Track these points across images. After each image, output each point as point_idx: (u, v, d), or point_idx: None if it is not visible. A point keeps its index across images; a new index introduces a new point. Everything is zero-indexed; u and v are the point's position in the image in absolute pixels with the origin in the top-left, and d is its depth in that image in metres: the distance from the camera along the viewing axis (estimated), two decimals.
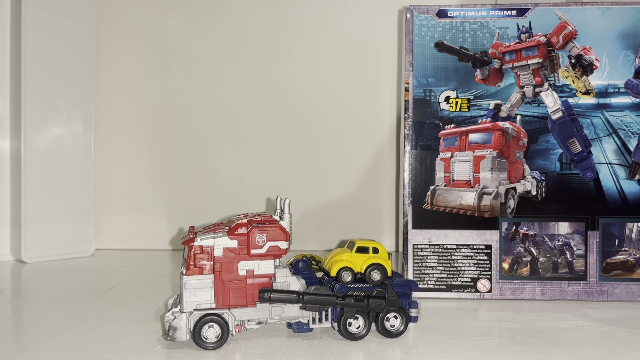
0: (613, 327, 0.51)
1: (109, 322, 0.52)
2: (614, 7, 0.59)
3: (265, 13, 0.89)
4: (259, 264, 0.47)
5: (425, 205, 0.61)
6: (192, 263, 0.45)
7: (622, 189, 0.59)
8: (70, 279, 0.71)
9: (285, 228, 0.47)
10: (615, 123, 0.60)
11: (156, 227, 0.92)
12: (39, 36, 0.80)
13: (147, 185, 0.92)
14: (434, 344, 0.46)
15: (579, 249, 0.60)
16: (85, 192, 0.85)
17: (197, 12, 0.90)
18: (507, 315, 0.55)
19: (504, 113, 0.60)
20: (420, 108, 0.61)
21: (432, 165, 0.61)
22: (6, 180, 0.82)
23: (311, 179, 0.89)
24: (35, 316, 0.54)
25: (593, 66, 0.59)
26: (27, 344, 0.47)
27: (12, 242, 0.82)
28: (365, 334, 0.47)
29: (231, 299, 0.46)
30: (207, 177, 0.91)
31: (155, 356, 0.44)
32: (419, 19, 0.61)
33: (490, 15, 0.60)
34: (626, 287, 0.59)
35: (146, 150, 0.92)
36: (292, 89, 0.89)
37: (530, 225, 0.60)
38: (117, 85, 0.91)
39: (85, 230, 0.85)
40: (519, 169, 0.60)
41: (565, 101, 0.60)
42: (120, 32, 0.91)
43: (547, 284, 0.60)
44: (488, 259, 0.60)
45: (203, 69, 0.90)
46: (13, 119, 0.81)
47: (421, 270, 0.61)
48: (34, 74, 0.79)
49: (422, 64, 0.61)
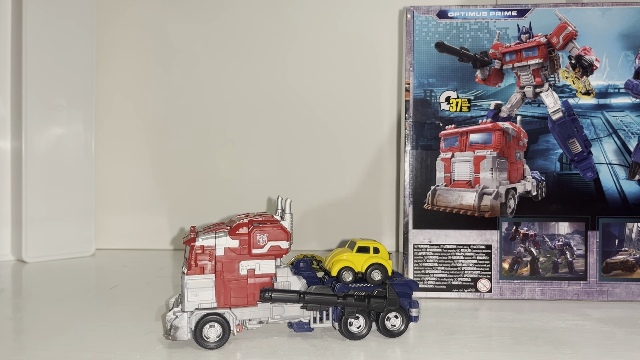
0: (613, 327, 0.51)
1: (109, 322, 0.52)
2: (614, 7, 0.59)
3: (267, 13, 0.89)
4: (260, 263, 0.47)
5: (425, 205, 0.61)
6: (194, 263, 0.45)
7: (622, 189, 0.60)
8: (71, 278, 0.71)
9: (286, 228, 0.47)
10: (615, 123, 0.60)
11: (157, 227, 0.92)
12: (39, 36, 0.80)
13: (147, 185, 0.92)
14: (434, 344, 0.46)
15: (579, 249, 0.60)
16: (86, 192, 0.85)
17: (198, 12, 0.90)
18: (507, 315, 0.55)
19: (505, 113, 0.61)
20: (421, 108, 0.61)
21: (432, 165, 0.61)
22: (7, 180, 0.83)
23: (312, 179, 0.89)
24: (36, 316, 0.54)
25: (593, 67, 0.59)
26: (28, 344, 0.47)
27: (12, 241, 0.82)
28: (366, 333, 0.47)
29: (232, 299, 0.46)
30: (208, 177, 0.91)
31: (156, 355, 0.44)
32: (420, 20, 0.61)
33: (490, 15, 0.60)
34: (626, 287, 0.59)
35: (147, 149, 0.92)
36: (293, 89, 0.89)
37: (530, 225, 0.60)
38: (117, 85, 0.91)
39: (86, 229, 0.85)
40: (519, 169, 0.60)
41: (565, 101, 0.60)
42: (121, 32, 0.91)
43: (547, 284, 0.60)
44: (488, 259, 0.60)
45: (204, 69, 0.90)
46: (14, 119, 0.81)
47: (422, 270, 0.61)
48: (34, 74, 0.79)
49: (423, 65, 0.61)
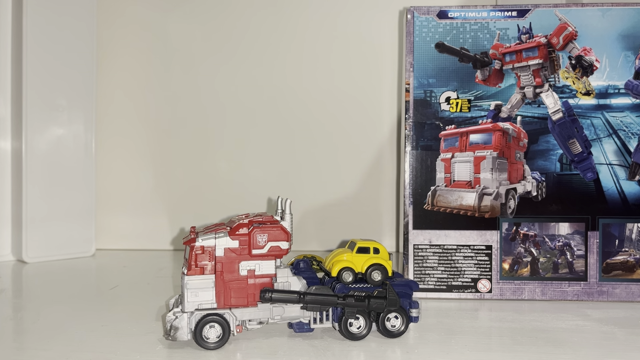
0: (613, 327, 0.51)
1: (110, 322, 0.52)
2: (614, 8, 0.59)
3: (266, 14, 0.89)
4: (260, 264, 0.47)
5: (425, 206, 0.61)
6: (194, 263, 0.45)
7: (622, 189, 0.60)
8: (71, 279, 0.71)
9: (286, 228, 0.47)
10: (615, 124, 0.60)
11: (157, 227, 0.92)
12: (40, 36, 0.80)
13: (148, 185, 0.92)
14: (434, 344, 0.46)
15: (579, 250, 0.60)
16: (86, 192, 0.85)
17: (198, 11, 0.90)
18: (507, 316, 0.55)
19: (505, 114, 0.61)
20: (421, 109, 0.61)
21: (432, 165, 0.61)
22: (7, 180, 0.83)
23: (312, 179, 0.89)
24: (36, 316, 0.54)
25: (593, 67, 0.59)
26: (28, 344, 0.47)
27: (13, 242, 0.82)
28: (366, 334, 0.47)
29: (232, 299, 0.46)
30: (209, 177, 0.91)
31: (156, 356, 0.44)
32: (420, 20, 0.61)
33: (490, 16, 0.60)
34: (626, 288, 0.59)
35: (147, 150, 0.92)
36: (294, 89, 0.89)
37: (530, 226, 0.60)
38: (118, 85, 0.91)
39: (86, 230, 0.85)
40: (520, 169, 0.60)
41: (565, 102, 0.60)
42: (121, 32, 0.91)
43: (547, 284, 0.60)
44: (488, 260, 0.60)
45: (204, 69, 0.90)
46: (14, 119, 0.81)
47: (422, 270, 0.61)
48: (35, 74, 0.80)
49: (423, 65, 0.61)
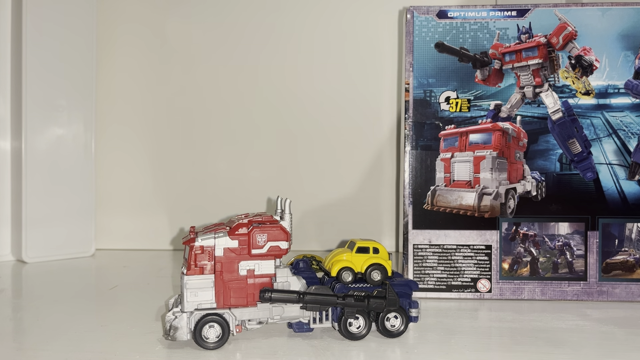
0: (613, 327, 0.51)
1: (109, 322, 0.52)
2: (613, 7, 0.59)
3: (267, 14, 0.89)
4: (260, 264, 0.47)
5: (425, 206, 0.61)
6: (193, 263, 0.45)
7: (622, 189, 0.59)
8: (71, 279, 0.71)
9: (285, 228, 0.47)
10: (615, 123, 0.60)
11: (157, 227, 0.92)
12: (39, 36, 0.80)
13: (147, 185, 0.92)
14: (434, 344, 0.46)
15: (578, 249, 0.60)
16: (86, 192, 0.85)
17: (198, 11, 0.90)
18: (507, 315, 0.55)
19: (504, 113, 0.61)
20: (421, 108, 0.61)
21: (432, 165, 0.61)
22: (7, 181, 0.83)
23: (311, 179, 0.89)
24: (36, 316, 0.54)
25: (593, 67, 0.59)
26: (28, 344, 0.47)
27: (12, 242, 0.82)
28: (366, 333, 0.47)
29: (232, 299, 0.46)
30: (208, 177, 0.91)
31: (156, 356, 0.44)
32: (419, 20, 0.61)
33: (490, 16, 0.60)
34: (626, 287, 0.59)
35: (147, 150, 0.92)
36: (293, 89, 0.89)
37: (530, 226, 0.60)
38: (118, 85, 0.91)
39: (86, 230, 0.85)
40: (519, 169, 0.60)
41: (565, 102, 0.60)
42: (122, 32, 0.91)
43: (547, 284, 0.60)
44: (488, 259, 0.60)
45: (204, 69, 0.90)
46: (14, 119, 0.81)
47: (421, 270, 0.61)
48: (35, 74, 0.79)
49: (423, 65, 0.61)
